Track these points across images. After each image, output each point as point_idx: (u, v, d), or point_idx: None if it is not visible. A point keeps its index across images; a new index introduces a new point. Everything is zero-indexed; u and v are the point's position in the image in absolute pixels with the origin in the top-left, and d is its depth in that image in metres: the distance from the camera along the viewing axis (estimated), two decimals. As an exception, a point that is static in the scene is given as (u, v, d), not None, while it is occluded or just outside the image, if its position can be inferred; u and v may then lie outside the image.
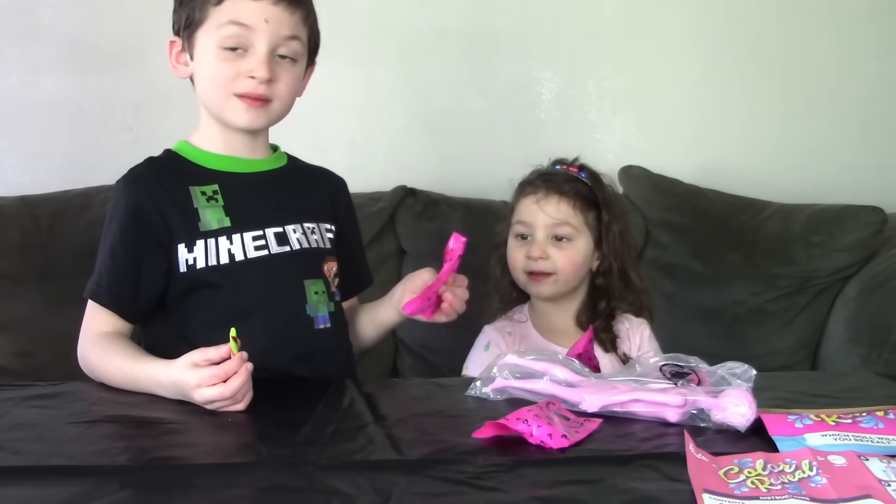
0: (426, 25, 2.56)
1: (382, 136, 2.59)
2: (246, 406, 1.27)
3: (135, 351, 1.43)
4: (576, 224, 1.76)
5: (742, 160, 2.65)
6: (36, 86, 2.45)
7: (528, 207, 1.77)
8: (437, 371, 2.19)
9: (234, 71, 1.48)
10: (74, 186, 2.33)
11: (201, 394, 1.26)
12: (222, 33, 1.47)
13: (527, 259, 1.76)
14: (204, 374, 1.25)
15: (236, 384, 1.25)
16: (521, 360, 1.34)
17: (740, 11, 2.63)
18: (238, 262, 1.48)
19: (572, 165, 1.84)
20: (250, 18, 1.47)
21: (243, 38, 1.47)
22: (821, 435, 1.12)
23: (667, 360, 1.32)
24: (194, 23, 1.49)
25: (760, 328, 2.33)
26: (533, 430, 1.11)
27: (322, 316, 1.54)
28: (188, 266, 1.47)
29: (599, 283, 1.82)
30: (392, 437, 1.15)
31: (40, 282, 2.17)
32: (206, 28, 1.48)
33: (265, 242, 1.51)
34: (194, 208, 1.49)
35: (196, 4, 1.49)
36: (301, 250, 1.54)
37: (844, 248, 2.32)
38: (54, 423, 1.21)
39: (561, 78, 2.61)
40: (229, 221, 1.50)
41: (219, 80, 1.49)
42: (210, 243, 1.48)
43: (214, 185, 1.52)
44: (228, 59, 1.48)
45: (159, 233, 1.47)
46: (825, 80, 2.66)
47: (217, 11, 1.47)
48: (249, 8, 1.47)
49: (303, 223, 1.57)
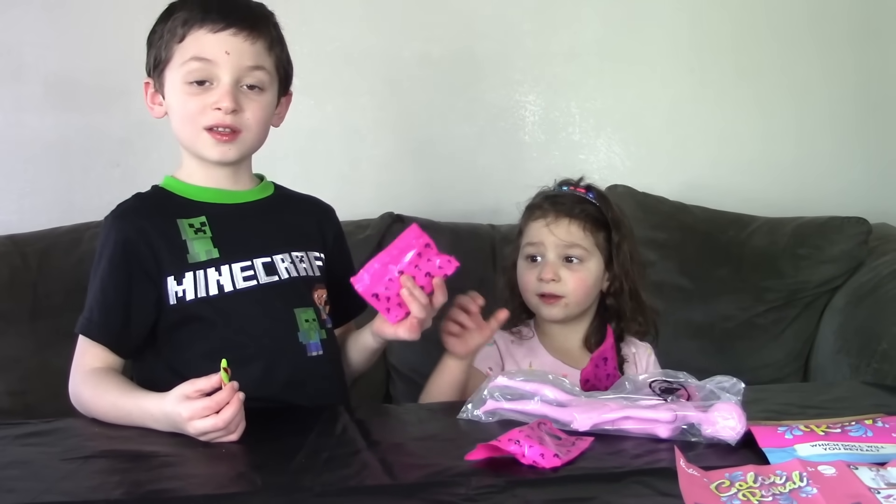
0: (408, 53, 2.58)
1: (368, 164, 2.60)
2: (240, 436, 1.28)
3: (126, 385, 1.43)
4: (586, 246, 1.74)
5: (726, 176, 2.67)
6: (22, 124, 2.45)
7: (538, 230, 1.75)
8: (431, 396, 2.19)
9: (201, 104, 1.50)
10: (63, 223, 2.33)
11: (195, 426, 1.26)
12: (186, 69, 1.49)
13: (538, 281, 1.74)
14: (196, 406, 1.26)
15: (229, 414, 1.25)
16: (512, 382, 1.35)
17: (720, 30, 2.66)
18: (227, 292, 1.49)
19: (579, 186, 1.81)
20: (212, 52, 1.49)
21: (207, 71, 1.49)
22: (810, 445, 1.13)
23: (656, 376, 1.33)
24: (162, 62, 1.52)
25: (751, 342, 2.34)
26: (525, 450, 1.12)
27: (314, 343, 1.54)
28: (177, 298, 1.48)
29: (611, 303, 1.79)
30: (386, 462, 1.15)
31: (31, 320, 2.17)
32: (173, 66, 1.51)
33: (253, 273, 1.52)
34: (182, 240, 1.50)
35: (162, 44, 1.52)
36: (290, 279, 1.55)
37: (831, 259, 2.33)
38: (48, 460, 1.21)
39: (544, 100, 2.63)
40: (217, 253, 1.50)
41: (187, 115, 1.51)
42: (199, 275, 1.49)
43: (202, 216, 1.53)
44: (195, 94, 1.50)
45: (148, 265, 1.48)
46: (805, 94, 2.68)
47: (181, 49, 1.50)
48: (210, 41, 1.49)
49: (291, 252, 1.57)
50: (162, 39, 1.52)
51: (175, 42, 1.50)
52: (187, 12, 1.51)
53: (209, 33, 1.50)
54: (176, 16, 1.52)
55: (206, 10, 1.51)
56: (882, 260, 2.29)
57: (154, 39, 1.55)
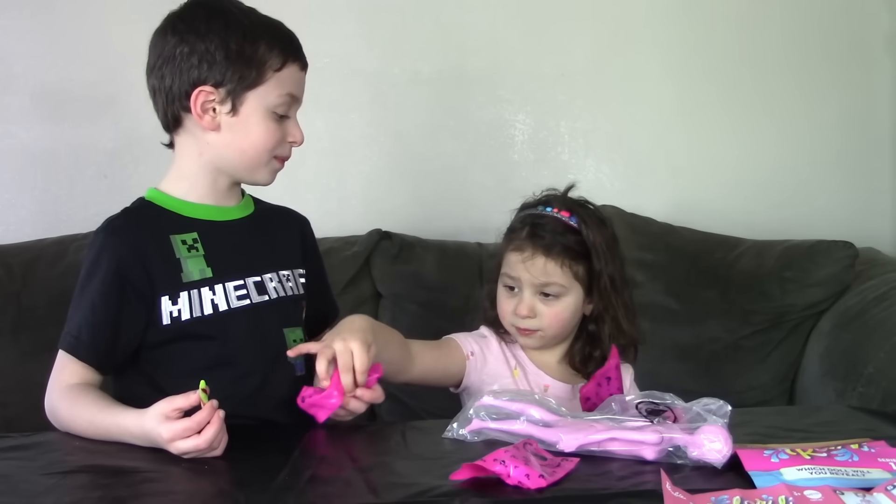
0: (398, 70, 2.58)
1: (357, 181, 2.60)
2: (222, 451, 1.27)
3: (104, 401, 1.41)
4: (563, 282, 1.70)
5: (714, 198, 2.68)
6: (9, 135, 2.45)
7: (514, 265, 1.71)
8: (415, 414, 2.19)
9: (281, 135, 1.53)
10: (48, 235, 2.33)
11: (177, 446, 1.25)
12: (280, 101, 1.51)
13: (514, 315, 1.73)
14: (177, 427, 1.25)
15: (210, 434, 1.24)
16: (498, 402, 1.34)
17: (708, 53, 2.67)
18: (221, 312, 1.49)
19: (563, 209, 1.76)
20: (299, 90, 1.55)
21: (289, 106, 1.54)
22: (797, 469, 1.13)
23: (642, 397, 1.32)
24: (249, 82, 1.49)
25: (736, 364, 2.34)
26: (510, 470, 1.11)
27: (300, 363, 1.54)
28: (172, 318, 1.47)
29: (592, 329, 1.76)
30: (369, 481, 1.15)
31: (13, 332, 2.16)
32: (263, 91, 1.50)
33: (246, 292, 1.52)
34: (176, 258, 1.49)
35: (253, 65, 1.49)
36: (279, 299, 1.55)
37: (817, 283, 2.34)
38: (28, 475, 1.20)
39: (533, 119, 2.64)
40: (210, 272, 1.50)
41: (269, 143, 1.52)
42: (193, 294, 1.48)
43: (193, 233, 1.52)
44: (277, 124, 1.52)
45: (142, 286, 1.46)
46: (793, 118, 2.70)
47: (278, 78, 1.50)
48: (298, 79, 1.54)
49: (278, 271, 1.58)
50: (249, 59, 1.48)
51: (271, 70, 1.50)
52: (277, 40, 1.51)
53: (299, 70, 1.54)
54: (262, 38, 1.50)
55: (293, 43, 1.54)
56: (868, 284, 2.30)
57: (231, 53, 1.48)
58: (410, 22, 2.58)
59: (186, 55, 1.48)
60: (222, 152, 1.52)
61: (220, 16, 1.50)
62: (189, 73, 1.49)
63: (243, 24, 1.50)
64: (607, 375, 1.56)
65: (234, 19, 1.50)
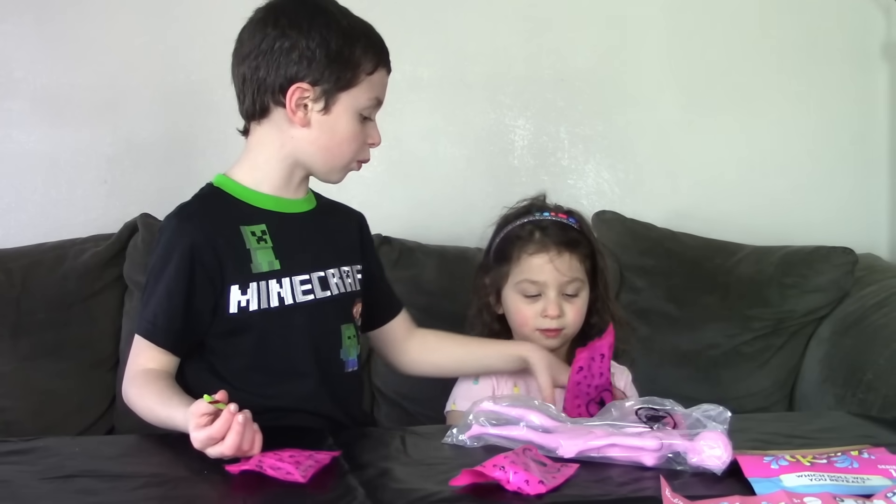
0: (399, 75, 2.54)
1: (357, 185, 2.56)
2: (259, 449, 1.24)
3: (167, 392, 1.42)
4: (582, 277, 1.76)
5: (714, 203, 2.68)
6: (9, 140, 2.44)
7: (540, 266, 1.74)
8: (415, 419, 2.19)
9: (364, 138, 1.56)
10: (48, 239, 2.32)
11: (208, 454, 1.24)
12: (368, 104, 1.54)
13: (541, 317, 1.74)
14: (202, 436, 1.23)
15: (231, 441, 1.22)
16: (497, 407, 1.35)
17: (709, 58, 2.67)
18: (287, 305, 1.51)
19: (560, 211, 1.82)
20: (384, 94, 1.58)
21: (374, 109, 1.56)
22: (796, 476, 1.13)
23: (642, 403, 1.32)
24: (344, 82, 1.51)
25: (736, 370, 2.34)
26: (510, 476, 1.11)
27: (352, 360, 1.59)
28: (240, 308, 1.48)
29: (594, 321, 1.80)
30: (370, 487, 1.15)
31: (13, 336, 2.15)
32: (354, 92, 1.52)
33: (311, 287, 1.54)
34: (246, 249, 1.50)
35: (349, 66, 1.51)
36: (339, 295, 1.58)
37: (817, 289, 2.34)
38: (27, 480, 1.20)
39: (533, 125, 2.64)
40: (279, 264, 1.52)
41: (354, 143, 1.55)
42: (262, 286, 1.50)
43: (262, 224, 1.53)
44: (362, 126, 1.55)
45: (213, 272, 1.48)
46: (793, 123, 2.70)
47: (368, 81, 1.53)
48: (385, 84, 1.58)
49: (340, 267, 1.60)
50: (347, 61, 1.50)
51: (364, 73, 1.52)
52: (372, 44, 1.54)
53: (387, 75, 1.58)
54: (360, 41, 1.52)
55: (384, 47, 1.57)
56: (868, 290, 2.30)
57: (331, 52, 1.50)
58: (410, 27, 2.58)
59: (287, 50, 1.49)
60: (307, 148, 1.54)
61: (322, 14, 1.52)
62: (288, 68, 1.50)
63: (343, 25, 1.52)
64: (601, 352, 1.57)
65: (334, 19, 1.52)
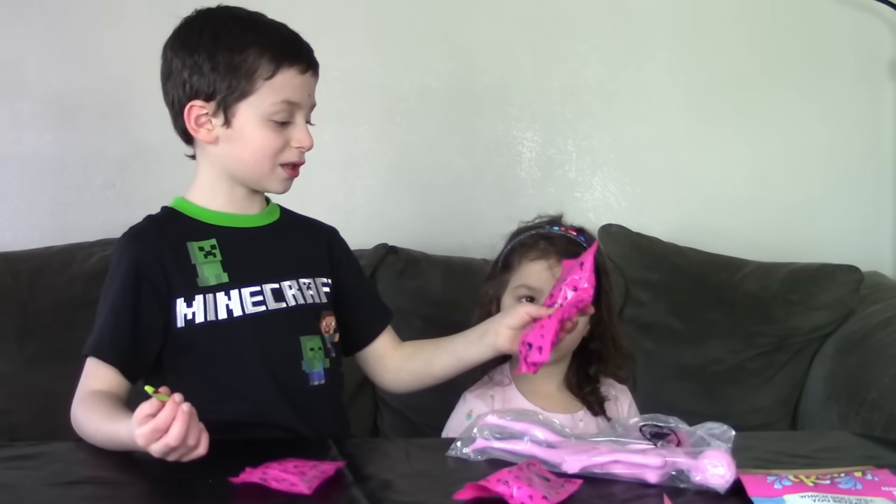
0: (408, 85, 2.59)
1: (364, 195, 2.61)
2: (206, 449, 1.22)
3: (112, 409, 1.38)
4: None
5: (720, 219, 2.68)
6: (19, 142, 2.46)
7: (538, 273, 1.72)
8: (419, 430, 2.19)
9: (283, 141, 1.52)
10: (56, 243, 2.33)
11: (152, 450, 1.20)
12: (274, 108, 1.50)
13: None
14: (145, 431, 1.20)
15: (176, 431, 1.18)
16: (502, 421, 1.34)
17: (717, 72, 2.68)
18: (236, 317, 1.49)
19: (571, 228, 1.79)
20: (300, 96, 1.53)
21: (291, 112, 1.52)
22: (800, 496, 1.13)
23: (646, 420, 1.32)
24: (238, 92, 1.49)
25: (740, 386, 2.33)
26: (513, 491, 1.11)
27: (317, 373, 1.55)
28: (186, 321, 1.48)
29: (594, 347, 1.77)
30: (373, 498, 1.15)
31: (19, 339, 2.16)
32: (255, 101, 1.49)
33: (262, 298, 1.52)
34: (192, 264, 1.50)
35: (241, 75, 1.48)
36: (297, 306, 1.55)
37: (822, 306, 2.34)
38: (32, 485, 1.20)
39: (541, 137, 2.64)
40: (227, 277, 1.51)
41: (267, 150, 1.51)
42: (209, 298, 1.49)
43: (212, 239, 1.53)
44: (276, 131, 1.51)
45: (159, 287, 1.48)
46: (800, 139, 2.70)
47: (270, 86, 1.49)
48: (298, 83, 1.52)
49: (298, 279, 1.58)
50: (237, 69, 1.48)
51: (262, 78, 1.49)
52: (268, 47, 1.49)
53: (298, 75, 1.52)
54: (252, 47, 1.48)
55: (288, 47, 1.52)
56: (873, 308, 2.30)
57: (217, 64, 1.48)
58: (420, 37, 2.59)
59: (180, 70, 1.50)
60: (227, 163, 1.54)
61: (210, 27, 1.51)
62: (183, 88, 1.50)
63: (233, 34, 1.50)
64: (581, 261, 1.47)
65: (224, 30, 1.50)
